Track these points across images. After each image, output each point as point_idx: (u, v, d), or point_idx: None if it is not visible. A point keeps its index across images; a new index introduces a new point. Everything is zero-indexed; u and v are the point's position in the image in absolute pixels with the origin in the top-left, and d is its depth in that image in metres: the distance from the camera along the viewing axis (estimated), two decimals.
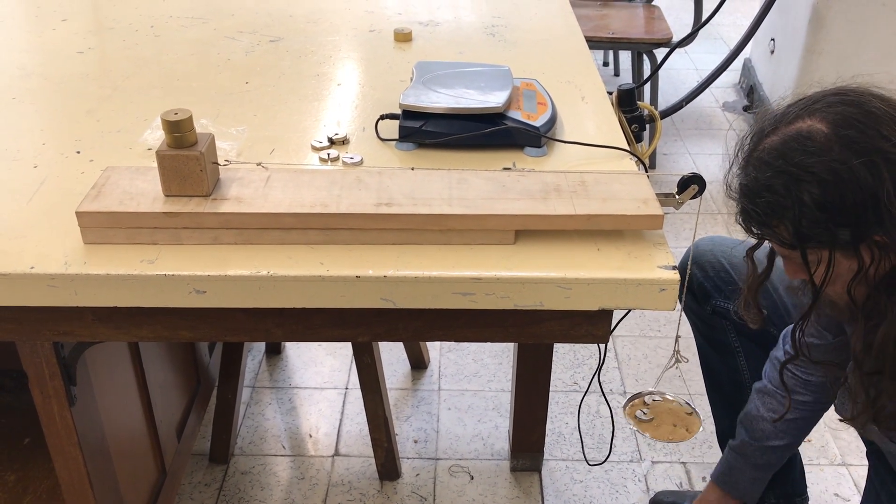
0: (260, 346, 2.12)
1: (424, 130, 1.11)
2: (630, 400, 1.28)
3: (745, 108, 3.40)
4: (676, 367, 1.27)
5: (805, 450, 1.53)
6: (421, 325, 0.98)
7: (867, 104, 0.94)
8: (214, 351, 1.87)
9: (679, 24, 4.12)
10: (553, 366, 1.69)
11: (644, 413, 1.21)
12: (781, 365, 1.24)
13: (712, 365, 1.50)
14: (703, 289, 1.42)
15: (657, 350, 2.10)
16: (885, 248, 0.95)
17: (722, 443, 1.56)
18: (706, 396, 1.56)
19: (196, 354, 1.75)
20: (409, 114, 1.12)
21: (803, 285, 1.13)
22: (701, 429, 1.24)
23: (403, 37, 1.53)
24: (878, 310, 1.00)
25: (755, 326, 1.20)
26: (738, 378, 1.46)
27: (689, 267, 1.33)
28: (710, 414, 1.58)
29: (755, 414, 1.34)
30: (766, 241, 1.09)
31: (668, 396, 1.29)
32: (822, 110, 0.95)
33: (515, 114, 1.12)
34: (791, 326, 1.26)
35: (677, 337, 1.23)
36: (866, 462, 1.33)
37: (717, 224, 2.61)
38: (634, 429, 1.18)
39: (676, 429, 1.23)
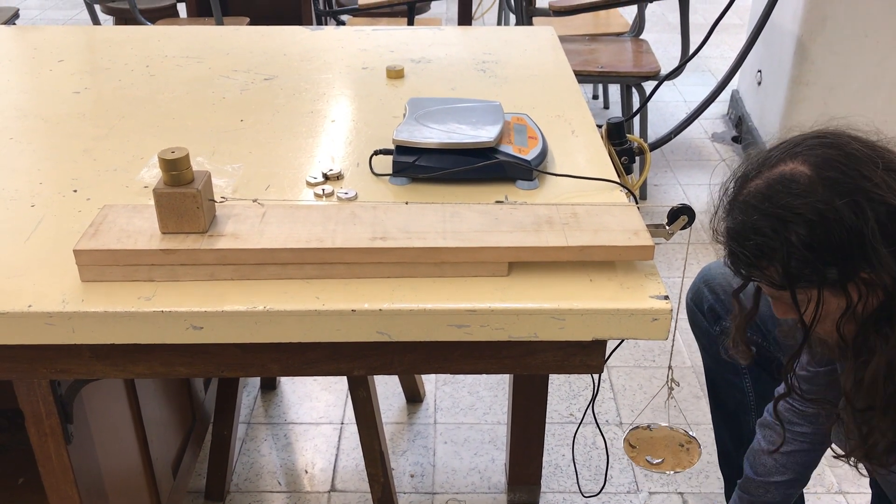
0: (255, 382, 2.11)
1: (418, 165, 1.13)
2: (628, 433, 1.28)
3: (734, 139, 3.43)
4: (671, 396, 1.27)
5: None
6: (416, 358, 0.98)
7: (846, 146, 0.97)
8: (210, 387, 1.87)
9: (667, 58, 4.18)
10: (549, 397, 1.69)
11: (643, 445, 1.21)
12: (775, 401, 1.25)
13: (718, 385, 1.51)
14: (714, 310, 1.44)
15: (652, 380, 2.10)
16: (871, 285, 0.97)
17: (723, 465, 1.57)
18: (703, 425, 1.56)
19: (191, 391, 1.74)
20: (402, 149, 1.14)
21: (793, 325, 1.14)
22: (701, 450, 1.24)
23: (396, 74, 1.55)
24: (867, 346, 1.02)
25: (745, 363, 1.22)
26: (742, 399, 1.47)
27: (680, 289, 1.34)
28: (702, 450, 1.58)
29: (757, 448, 1.35)
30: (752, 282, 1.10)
31: (662, 425, 1.29)
32: (804, 153, 0.99)
33: (507, 148, 1.14)
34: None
35: (669, 367, 1.24)
36: (863, 491, 1.33)
37: (708, 254, 2.62)
38: (647, 470, 1.18)
39: (687, 451, 1.23)
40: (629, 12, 3.44)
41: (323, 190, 1.12)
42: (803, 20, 2.75)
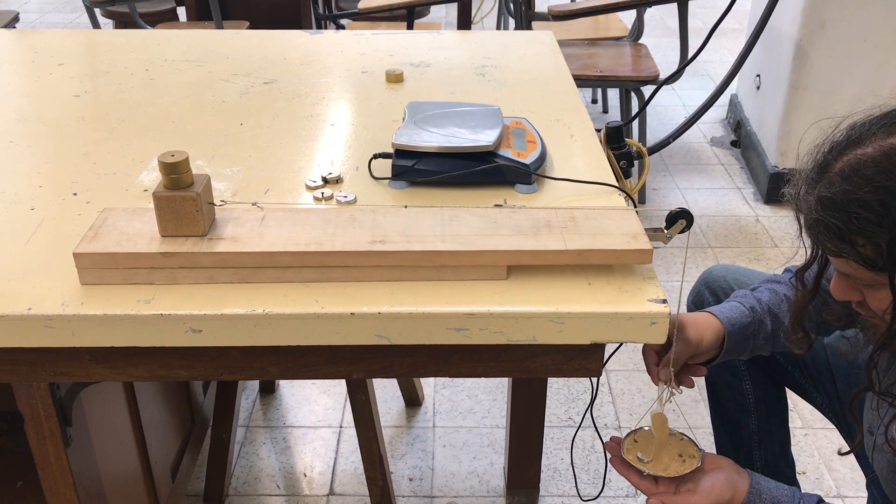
0: (254, 385, 2.11)
1: (417, 169, 1.13)
2: (625, 438, 1.28)
3: (733, 143, 3.44)
4: (671, 400, 1.27)
5: (801, 483, 1.53)
6: (415, 361, 0.99)
7: None
8: (209, 390, 1.87)
9: (666, 62, 4.19)
10: (548, 401, 1.69)
11: (642, 458, 1.20)
12: (853, 396, 1.14)
13: (717, 387, 1.51)
14: None
15: (650, 384, 2.10)
16: None
17: None
18: (702, 429, 1.57)
19: (190, 394, 1.74)
20: (401, 153, 1.14)
21: (845, 310, 1.07)
22: (701, 453, 1.23)
23: (395, 78, 1.56)
24: None
25: (801, 352, 1.15)
26: (742, 402, 1.47)
27: (679, 293, 1.34)
28: (708, 443, 1.58)
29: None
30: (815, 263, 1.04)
31: (676, 432, 1.28)
32: None
33: (506, 152, 1.14)
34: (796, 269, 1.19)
35: (670, 368, 1.24)
36: (861, 495, 1.33)
37: (706, 258, 2.62)
38: (656, 474, 1.16)
39: (683, 462, 1.22)
40: (628, 16, 3.45)
41: (322, 193, 1.12)
42: (802, 25, 2.75)
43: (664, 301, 0.92)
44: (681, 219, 1.01)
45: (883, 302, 0.95)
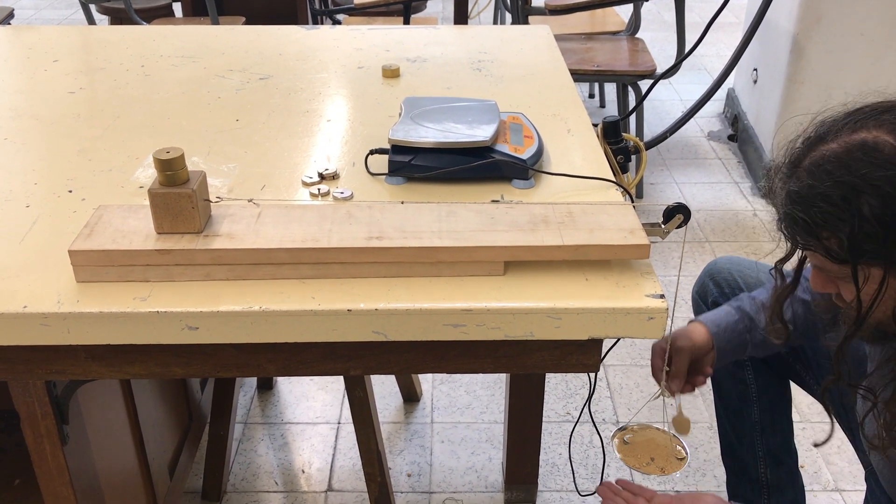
0: (251, 382, 2.11)
1: (413, 164, 1.13)
2: (621, 429, 1.28)
3: (730, 138, 3.44)
4: (660, 396, 1.27)
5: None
6: (413, 358, 0.98)
7: None
8: (206, 387, 1.87)
9: (663, 56, 4.19)
10: (546, 396, 1.69)
11: (626, 441, 1.21)
12: (823, 388, 1.18)
13: (720, 377, 1.51)
14: (717, 305, 1.43)
15: (648, 379, 2.10)
16: None
17: (725, 456, 1.57)
18: (699, 423, 1.57)
19: (188, 391, 1.74)
20: (398, 148, 1.14)
21: (825, 300, 1.10)
22: (679, 473, 1.23)
23: (391, 73, 1.55)
24: None
25: (780, 342, 1.17)
26: (745, 392, 1.47)
27: (676, 287, 1.34)
28: (697, 448, 1.58)
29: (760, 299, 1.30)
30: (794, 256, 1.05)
31: (658, 428, 1.29)
32: (891, 122, 0.93)
33: (503, 147, 1.14)
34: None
35: (665, 370, 1.24)
36: (859, 487, 1.33)
37: (704, 252, 2.63)
38: (617, 455, 1.18)
39: (653, 463, 1.23)
40: (625, 11, 3.45)
41: (319, 189, 1.12)
42: (798, 19, 2.75)
43: (662, 296, 0.92)
44: (678, 213, 1.00)
45: (851, 294, 0.97)
